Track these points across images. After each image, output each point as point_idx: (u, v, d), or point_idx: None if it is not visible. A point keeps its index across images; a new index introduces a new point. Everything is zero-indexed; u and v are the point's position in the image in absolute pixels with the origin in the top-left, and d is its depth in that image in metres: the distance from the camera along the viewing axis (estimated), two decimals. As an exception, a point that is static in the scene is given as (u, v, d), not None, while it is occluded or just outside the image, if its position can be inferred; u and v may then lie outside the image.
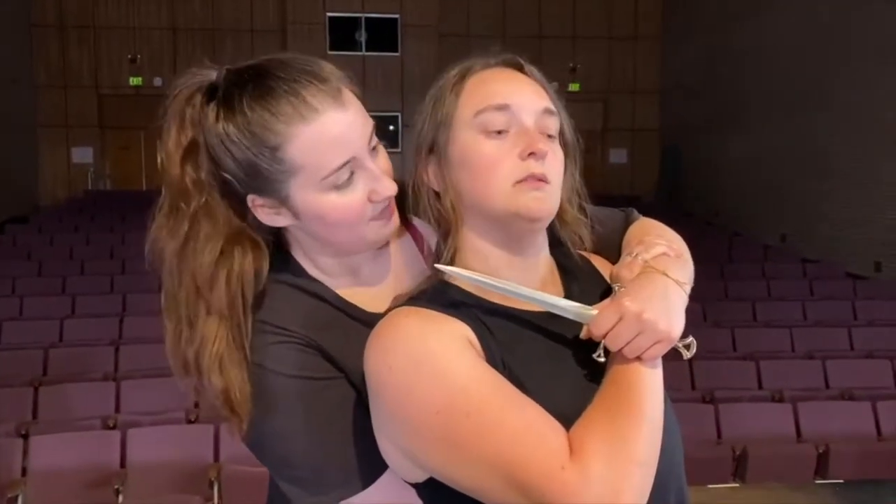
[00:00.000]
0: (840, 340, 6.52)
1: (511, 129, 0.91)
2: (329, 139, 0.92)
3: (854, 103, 9.34)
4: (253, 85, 0.93)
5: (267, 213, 0.98)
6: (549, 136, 0.93)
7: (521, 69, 0.97)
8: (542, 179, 0.89)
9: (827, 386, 5.54)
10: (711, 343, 6.13)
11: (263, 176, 0.93)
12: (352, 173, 0.95)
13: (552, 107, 0.94)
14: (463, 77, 0.95)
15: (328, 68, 0.96)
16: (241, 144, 0.92)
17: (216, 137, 0.93)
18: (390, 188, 0.98)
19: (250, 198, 0.97)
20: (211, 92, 0.96)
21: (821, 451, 4.34)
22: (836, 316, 7.29)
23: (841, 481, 4.39)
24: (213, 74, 0.97)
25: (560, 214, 0.97)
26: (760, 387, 5.51)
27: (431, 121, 0.95)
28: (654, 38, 15.87)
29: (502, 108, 0.91)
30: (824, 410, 4.86)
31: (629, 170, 15.74)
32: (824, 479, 4.36)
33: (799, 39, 10.57)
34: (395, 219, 1.02)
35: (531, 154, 0.89)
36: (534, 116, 0.92)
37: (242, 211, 0.99)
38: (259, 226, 1.01)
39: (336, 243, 1.01)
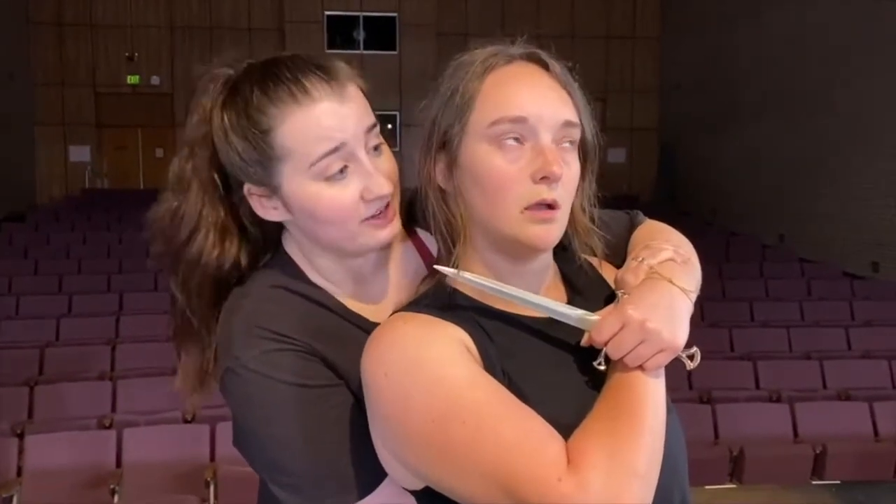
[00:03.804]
0: (837, 340, 6.52)
1: (527, 143, 0.87)
2: (320, 126, 0.92)
3: (852, 103, 9.34)
4: (261, 73, 0.95)
5: (262, 205, 0.99)
6: (568, 148, 0.89)
7: (545, 66, 0.92)
8: (552, 206, 0.86)
9: (824, 386, 5.54)
10: (709, 343, 6.12)
11: (256, 161, 0.95)
12: (345, 167, 0.94)
13: (573, 117, 0.89)
14: (483, 72, 0.89)
15: (339, 65, 0.97)
16: (238, 128, 0.94)
17: (218, 123, 0.96)
18: (384, 187, 0.96)
19: (246, 187, 0.98)
20: (226, 84, 0.98)
21: (818, 451, 4.34)
22: (833, 316, 7.30)
23: (838, 482, 4.39)
24: (233, 69, 1.00)
25: (573, 223, 0.95)
26: (758, 387, 5.51)
27: (446, 114, 0.90)
28: (653, 38, 15.88)
29: (519, 120, 0.86)
30: (821, 411, 4.86)
31: (627, 169, 15.75)
32: (821, 479, 4.36)
33: (797, 39, 10.57)
34: (394, 225, 1.00)
35: (544, 178, 0.85)
36: (552, 131, 0.87)
37: (234, 205, 1.01)
38: (255, 222, 1.02)
39: (328, 242, 0.99)
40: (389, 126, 14.43)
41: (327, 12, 14.78)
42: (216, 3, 14.90)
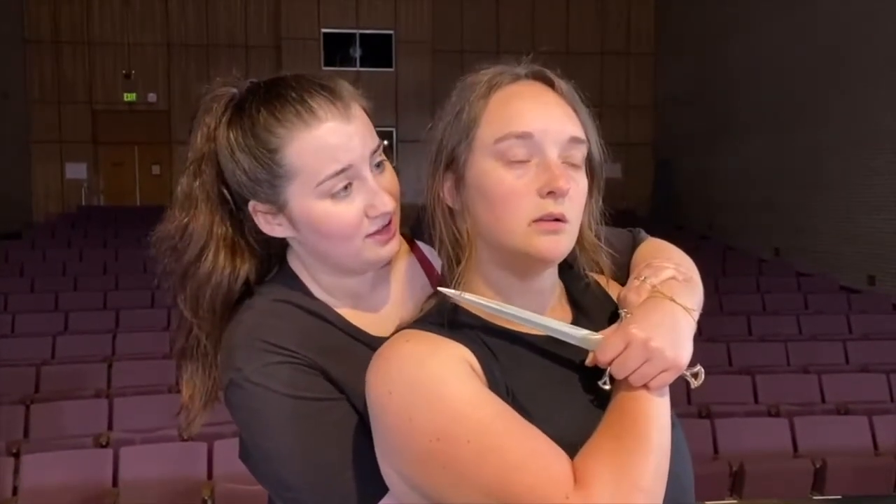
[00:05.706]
0: (835, 354, 6.53)
1: (533, 159, 0.87)
2: (327, 146, 0.94)
3: (846, 116, 9.40)
4: (265, 92, 0.97)
5: (267, 222, 1.00)
6: (574, 164, 0.89)
7: (551, 85, 0.92)
8: (559, 220, 0.86)
9: (823, 400, 5.54)
10: (707, 358, 6.06)
11: (263, 180, 0.96)
12: (349, 184, 0.96)
13: (580, 134, 0.90)
14: (489, 90, 0.90)
15: (343, 85, 0.99)
16: (245, 147, 0.95)
17: (224, 142, 0.97)
18: (388, 204, 0.97)
19: (251, 204, 0.99)
20: (230, 103, 0.99)
21: (818, 465, 4.32)
22: (830, 330, 7.30)
23: (838, 497, 4.37)
24: (236, 88, 1.01)
25: (580, 240, 0.95)
26: (756, 401, 5.50)
27: (452, 133, 0.90)
28: (648, 53, 15.98)
29: (524, 136, 0.86)
30: (820, 425, 4.85)
31: (623, 184, 15.78)
32: (821, 494, 4.34)
33: (791, 53, 10.65)
34: (396, 242, 1.01)
35: (550, 192, 0.85)
36: (558, 147, 0.88)
37: (239, 221, 1.02)
38: (260, 240, 1.03)
39: (332, 258, 1.00)
40: (386, 142, 14.38)
41: (324, 29, 14.85)
42: (213, 21, 14.97)
